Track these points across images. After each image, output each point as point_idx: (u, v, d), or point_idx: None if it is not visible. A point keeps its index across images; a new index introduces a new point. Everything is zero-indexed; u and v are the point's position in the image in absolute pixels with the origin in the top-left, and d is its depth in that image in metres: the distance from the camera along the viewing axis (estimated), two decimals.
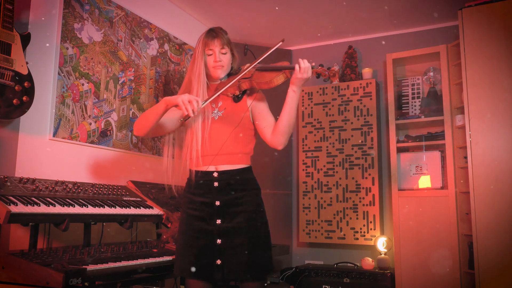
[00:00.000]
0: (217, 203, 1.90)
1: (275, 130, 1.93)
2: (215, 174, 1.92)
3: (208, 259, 1.85)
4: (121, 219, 2.37)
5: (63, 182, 2.33)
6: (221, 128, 1.95)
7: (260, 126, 1.99)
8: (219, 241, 1.86)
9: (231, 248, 1.85)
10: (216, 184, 1.91)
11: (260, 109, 2.00)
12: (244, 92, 2.01)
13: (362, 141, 3.88)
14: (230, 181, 1.91)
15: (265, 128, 1.97)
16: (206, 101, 1.84)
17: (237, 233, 1.86)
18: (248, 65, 1.96)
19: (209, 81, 2.03)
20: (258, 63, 1.93)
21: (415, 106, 3.82)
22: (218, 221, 1.88)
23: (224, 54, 1.99)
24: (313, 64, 1.83)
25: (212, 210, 1.90)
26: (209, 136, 1.94)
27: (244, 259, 1.83)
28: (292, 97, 1.87)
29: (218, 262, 1.84)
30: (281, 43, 1.89)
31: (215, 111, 1.99)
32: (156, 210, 2.60)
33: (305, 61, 1.81)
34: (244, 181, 1.93)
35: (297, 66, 1.80)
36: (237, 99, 2.00)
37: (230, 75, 2.05)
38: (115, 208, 2.36)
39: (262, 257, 1.88)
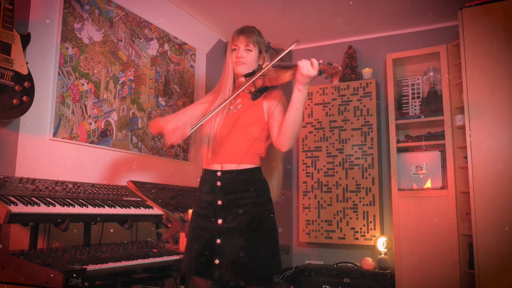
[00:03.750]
0: (219, 202, 1.89)
1: (280, 130, 1.88)
2: (219, 174, 1.92)
3: (207, 258, 1.85)
4: (121, 219, 2.37)
5: (63, 182, 2.32)
6: (233, 126, 1.93)
7: (270, 126, 1.94)
8: (218, 240, 1.86)
9: (230, 248, 1.83)
10: (219, 183, 1.91)
11: (273, 108, 1.95)
12: (264, 90, 1.96)
13: (362, 141, 3.88)
14: (233, 181, 1.90)
15: (273, 128, 1.92)
16: (194, 126, 1.82)
17: (236, 234, 1.85)
18: (266, 63, 1.95)
19: (235, 77, 2.03)
20: (277, 61, 1.90)
21: (415, 106, 3.82)
22: (220, 221, 1.88)
23: (249, 51, 1.98)
24: (321, 61, 1.77)
25: (215, 209, 1.90)
26: (220, 133, 1.94)
27: (242, 261, 1.81)
28: (297, 96, 1.80)
29: (217, 261, 1.83)
30: (295, 43, 1.88)
31: (232, 107, 1.98)
32: (156, 210, 2.60)
33: (306, 60, 1.77)
34: (248, 181, 1.90)
35: (299, 62, 1.76)
36: (254, 96, 1.96)
37: (254, 73, 2.00)
38: (115, 208, 2.36)
39: (262, 260, 1.85)
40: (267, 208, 1.92)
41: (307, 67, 1.75)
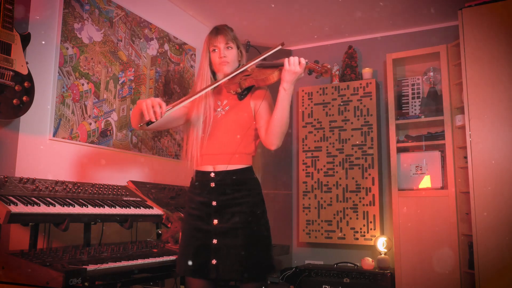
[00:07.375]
0: (214, 203, 1.90)
1: (267, 130, 1.88)
2: (212, 175, 1.92)
3: (204, 259, 1.85)
4: (121, 219, 2.37)
5: (63, 182, 2.32)
6: (222, 127, 1.94)
7: (258, 125, 1.95)
8: (215, 241, 1.86)
9: (227, 248, 1.84)
10: (212, 184, 1.91)
11: (260, 107, 1.95)
12: (248, 90, 1.97)
13: (362, 141, 3.88)
14: (226, 181, 1.91)
15: (261, 127, 1.93)
16: (171, 108, 1.80)
17: (233, 234, 1.85)
18: (249, 62, 1.94)
19: (217, 79, 2.01)
20: (259, 60, 1.91)
21: (415, 106, 3.82)
22: (215, 221, 1.88)
23: (229, 49, 1.98)
24: (307, 60, 1.77)
25: (209, 210, 1.90)
26: (210, 135, 1.94)
27: (239, 260, 1.83)
28: (283, 95, 1.79)
29: (214, 262, 1.84)
30: (280, 47, 1.83)
31: (219, 109, 1.97)
32: (156, 210, 2.60)
33: (293, 57, 1.76)
34: (241, 181, 1.92)
35: (286, 61, 1.75)
36: (240, 97, 1.96)
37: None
38: (115, 208, 2.36)
39: (259, 258, 1.87)
40: (261, 207, 1.94)
41: (295, 65, 1.74)
